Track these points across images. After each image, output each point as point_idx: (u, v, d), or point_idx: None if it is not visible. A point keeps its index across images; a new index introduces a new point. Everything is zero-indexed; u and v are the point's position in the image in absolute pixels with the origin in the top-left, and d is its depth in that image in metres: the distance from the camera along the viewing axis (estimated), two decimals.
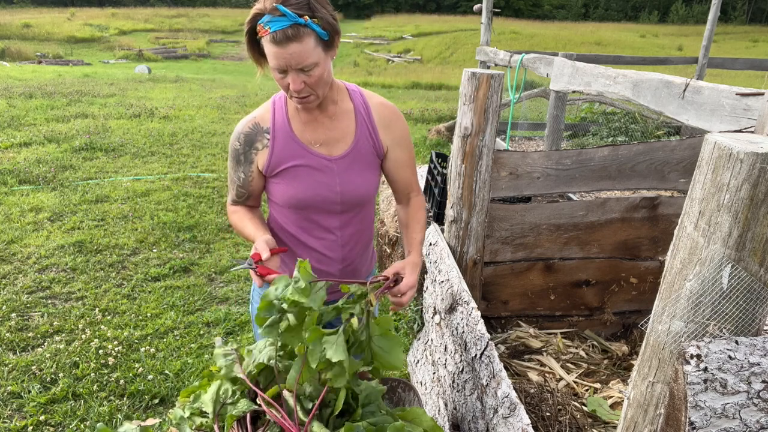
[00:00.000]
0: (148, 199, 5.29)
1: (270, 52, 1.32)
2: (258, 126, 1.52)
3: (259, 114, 1.54)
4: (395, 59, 26.95)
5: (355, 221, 1.64)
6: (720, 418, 0.90)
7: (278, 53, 1.30)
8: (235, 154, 1.54)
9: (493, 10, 5.75)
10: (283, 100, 1.55)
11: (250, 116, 1.55)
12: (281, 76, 1.36)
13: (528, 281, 2.46)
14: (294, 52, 1.30)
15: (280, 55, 1.31)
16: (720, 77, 15.21)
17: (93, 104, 9.98)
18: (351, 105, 1.55)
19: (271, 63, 1.35)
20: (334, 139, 1.53)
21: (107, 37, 29.83)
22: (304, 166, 1.51)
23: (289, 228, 1.61)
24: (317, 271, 1.63)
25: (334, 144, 1.53)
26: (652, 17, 55.84)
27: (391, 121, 1.59)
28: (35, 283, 3.62)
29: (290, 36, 1.28)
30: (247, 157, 1.53)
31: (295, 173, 1.52)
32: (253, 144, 1.52)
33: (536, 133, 8.07)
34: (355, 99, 1.57)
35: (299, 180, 1.52)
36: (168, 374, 2.78)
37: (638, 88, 2.43)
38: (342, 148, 1.53)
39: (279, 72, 1.36)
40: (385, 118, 1.58)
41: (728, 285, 0.91)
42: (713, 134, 0.93)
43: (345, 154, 1.53)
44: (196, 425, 1.17)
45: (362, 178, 1.56)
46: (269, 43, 1.31)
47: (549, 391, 2.03)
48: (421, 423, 1.20)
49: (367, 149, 1.56)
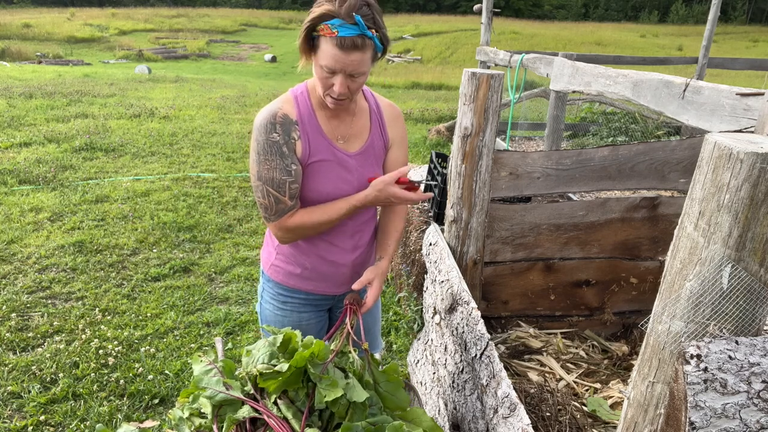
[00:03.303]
0: (148, 199, 5.29)
1: (329, 53, 1.34)
2: (287, 117, 1.49)
3: (283, 107, 1.50)
4: (395, 59, 26.95)
5: (364, 212, 1.68)
6: (720, 418, 0.90)
7: (339, 57, 1.34)
8: (277, 147, 1.46)
9: (493, 10, 5.74)
10: (306, 95, 1.53)
11: (274, 108, 1.49)
12: (328, 75, 1.39)
13: (528, 281, 2.46)
14: (355, 60, 1.35)
15: (340, 59, 1.34)
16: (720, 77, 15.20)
17: (93, 104, 9.98)
18: (366, 103, 1.62)
19: (324, 61, 1.36)
20: (352, 135, 1.58)
21: (107, 37, 29.81)
22: (329, 161, 1.54)
23: None
24: (328, 262, 1.67)
25: (353, 140, 1.58)
26: (652, 17, 55.84)
27: (395, 121, 1.67)
28: (35, 283, 3.62)
29: (357, 45, 1.33)
30: (290, 147, 1.48)
31: (320, 168, 1.53)
32: (290, 134, 1.48)
33: (536, 133, 8.07)
34: (368, 97, 1.64)
35: (323, 175, 1.54)
36: (168, 374, 2.78)
37: (638, 88, 2.43)
38: (359, 145, 1.59)
39: (328, 72, 1.38)
40: (393, 117, 1.67)
41: (728, 285, 0.91)
42: (713, 134, 0.93)
43: (362, 150, 1.59)
44: (195, 426, 1.17)
45: (373, 173, 1.62)
46: (333, 46, 1.33)
47: (549, 391, 2.03)
48: (420, 423, 1.20)
49: (379, 145, 1.63)
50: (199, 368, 1.27)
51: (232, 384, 1.21)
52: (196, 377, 1.24)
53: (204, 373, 1.25)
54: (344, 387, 1.14)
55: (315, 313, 1.78)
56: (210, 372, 1.25)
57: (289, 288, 1.71)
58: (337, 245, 1.66)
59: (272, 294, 1.74)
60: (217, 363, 1.28)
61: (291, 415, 1.12)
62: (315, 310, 1.78)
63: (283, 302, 1.74)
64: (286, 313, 1.74)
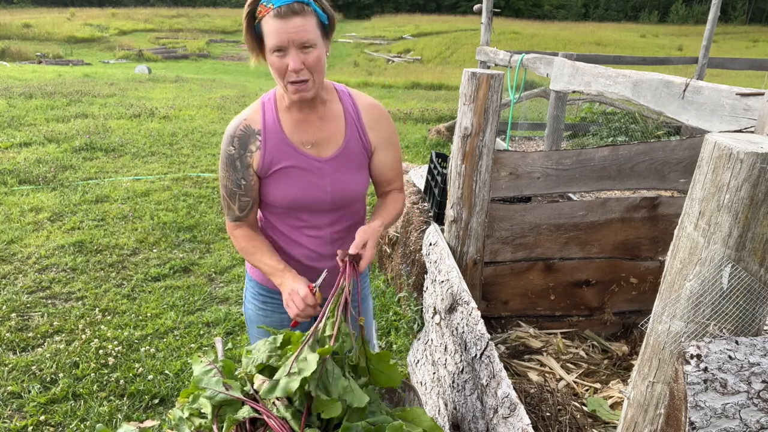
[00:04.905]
0: (148, 199, 5.29)
1: (271, 29, 1.33)
2: (249, 128, 1.50)
3: (249, 116, 1.52)
4: (395, 59, 26.94)
5: (345, 218, 1.64)
6: (720, 418, 0.90)
7: (281, 27, 1.31)
8: (231, 160, 1.50)
9: (493, 10, 5.74)
10: (272, 102, 1.53)
11: (240, 119, 1.52)
12: (280, 55, 1.35)
13: (528, 281, 2.46)
14: (297, 25, 1.31)
15: (282, 29, 1.31)
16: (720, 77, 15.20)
17: (93, 104, 9.98)
18: (340, 106, 1.56)
19: (271, 42, 1.34)
20: (324, 140, 1.53)
21: (107, 37, 29.80)
22: (294, 167, 1.51)
23: (279, 226, 1.61)
24: (307, 268, 1.63)
25: (325, 145, 1.53)
26: (652, 17, 55.82)
27: (377, 122, 1.59)
28: (35, 283, 3.62)
29: (295, 10, 1.30)
30: (244, 162, 1.50)
31: (287, 174, 1.51)
32: (247, 147, 1.50)
33: (536, 133, 8.07)
34: (344, 100, 1.57)
35: (290, 181, 1.52)
36: (168, 374, 2.78)
37: (638, 88, 2.43)
38: (332, 149, 1.54)
39: (278, 51, 1.35)
40: (373, 118, 1.58)
41: (728, 285, 0.91)
42: (713, 134, 0.93)
43: (335, 155, 1.54)
44: (195, 426, 1.17)
45: (352, 178, 1.57)
46: (272, 19, 1.32)
47: (549, 391, 2.03)
48: (420, 423, 1.20)
49: (357, 150, 1.57)
50: (199, 368, 1.27)
51: (232, 384, 1.21)
52: (196, 377, 1.24)
53: (204, 373, 1.25)
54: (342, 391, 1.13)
55: None
56: (210, 372, 1.25)
57: (268, 288, 1.69)
58: (316, 251, 1.63)
59: (253, 293, 1.74)
60: (217, 363, 1.28)
61: (290, 415, 1.12)
62: None
63: (263, 302, 1.73)
64: (267, 313, 1.73)
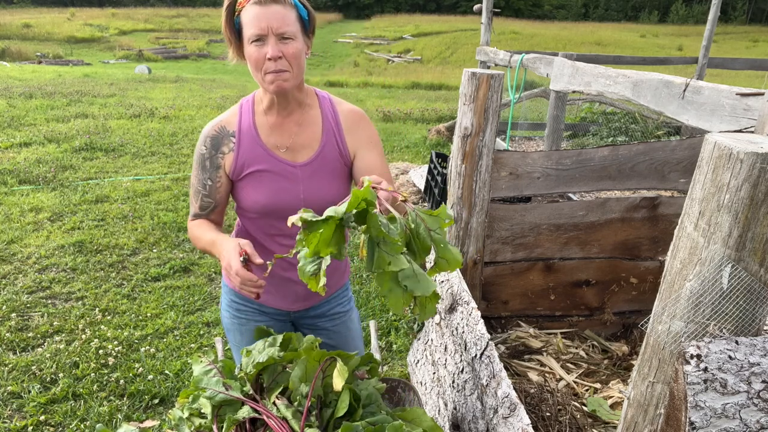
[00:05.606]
0: (148, 199, 5.29)
1: (250, 17, 1.32)
2: (224, 129, 1.50)
3: (226, 117, 1.52)
4: (395, 59, 26.95)
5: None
6: (720, 418, 0.90)
7: (260, 13, 1.31)
8: (201, 159, 1.50)
9: (493, 10, 5.74)
10: (250, 104, 1.53)
11: (217, 120, 1.53)
12: (259, 45, 1.34)
13: (528, 281, 2.46)
14: (276, 11, 1.32)
15: (262, 16, 1.31)
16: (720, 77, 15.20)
17: (93, 104, 9.98)
18: (319, 112, 1.54)
19: (250, 31, 1.34)
20: (299, 145, 1.51)
21: (107, 37, 29.81)
22: (267, 171, 1.50)
23: (255, 234, 1.59)
24: (281, 278, 1.61)
25: (300, 150, 1.51)
26: (652, 17, 55.82)
27: (356, 125, 1.56)
28: (35, 283, 3.62)
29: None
30: (213, 162, 1.50)
31: (259, 178, 1.50)
32: (219, 148, 1.49)
33: (536, 133, 8.07)
34: (323, 106, 1.55)
35: (263, 185, 1.50)
36: (168, 374, 2.78)
37: (638, 88, 2.43)
38: (307, 155, 1.51)
39: (257, 41, 1.34)
40: (352, 121, 1.56)
41: (728, 285, 0.91)
42: (713, 134, 0.93)
43: (310, 161, 1.51)
44: (195, 426, 1.17)
45: (328, 185, 1.53)
46: (251, 6, 1.32)
47: (549, 391, 2.03)
48: (420, 423, 1.20)
49: (333, 157, 1.53)
50: (199, 368, 1.27)
51: (232, 384, 1.21)
52: (195, 377, 1.24)
53: (204, 373, 1.25)
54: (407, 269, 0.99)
55: (275, 322, 1.71)
56: (210, 372, 1.25)
57: (242, 297, 1.67)
58: (292, 262, 1.58)
59: (227, 301, 1.71)
60: (217, 363, 1.29)
61: (290, 415, 1.12)
62: (273, 320, 1.71)
63: (237, 310, 1.69)
64: (242, 321, 1.70)
